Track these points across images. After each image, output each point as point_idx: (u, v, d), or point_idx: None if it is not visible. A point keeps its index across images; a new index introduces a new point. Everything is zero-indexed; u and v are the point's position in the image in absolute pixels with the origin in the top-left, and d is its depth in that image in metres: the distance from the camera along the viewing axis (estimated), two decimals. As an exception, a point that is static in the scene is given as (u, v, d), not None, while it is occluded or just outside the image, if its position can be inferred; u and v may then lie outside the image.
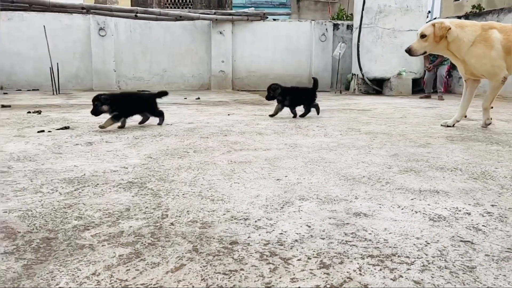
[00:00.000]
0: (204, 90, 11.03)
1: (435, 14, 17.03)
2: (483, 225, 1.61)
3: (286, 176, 2.33)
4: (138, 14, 10.19)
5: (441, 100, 8.08)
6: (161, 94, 4.36)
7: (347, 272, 1.23)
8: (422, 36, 4.14)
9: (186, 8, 15.08)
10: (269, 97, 4.96)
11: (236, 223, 1.62)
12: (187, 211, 1.74)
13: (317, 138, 3.61)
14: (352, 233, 1.53)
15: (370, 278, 1.20)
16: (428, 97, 8.76)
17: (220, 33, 11.04)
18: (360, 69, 10.05)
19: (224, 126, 4.27)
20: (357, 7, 10.13)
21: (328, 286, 1.16)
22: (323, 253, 1.36)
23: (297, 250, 1.38)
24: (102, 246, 1.40)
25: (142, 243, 1.42)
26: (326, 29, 11.51)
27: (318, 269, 1.25)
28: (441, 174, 2.40)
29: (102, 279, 1.19)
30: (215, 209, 1.77)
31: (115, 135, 3.70)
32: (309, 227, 1.58)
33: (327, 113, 5.55)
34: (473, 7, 11.26)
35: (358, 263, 1.29)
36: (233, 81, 11.37)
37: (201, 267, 1.26)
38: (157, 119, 4.33)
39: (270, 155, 2.88)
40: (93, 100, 3.87)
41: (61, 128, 4.01)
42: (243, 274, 1.22)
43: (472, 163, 2.69)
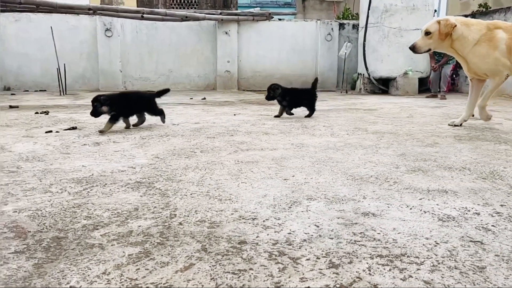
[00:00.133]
0: (210, 90, 11.05)
1: (442, 13, 16.93)
2: (492, 225, 1.60)
3: (293, 176, 2.33)
4: (144, 15, 10.22)
5: (443, 100, 8.03)
6: (161, 93, 4.33)
7: (357, 272, 1.23)
8: (427, 33, 4.09)
9: (192, 8, 15.09)
10: (269, 97, 4.95)
11: (244, 222, 1.62)
12: (195, 211, 1.75)
13: (324, 137, 3.60)
14: (361, 233, 1.52)
15: (379, 278, 1.19)
16: (434, 96, 8.72)
17: (226, 33, 11.05)
18: (366, 68, 10.01)
19: (231, 126, 4.28)
20: (363, 7, 10.08)
21: (337, 286, 1.15)
22: (332, 253, 1.35)
23: (305, 249, 1.38)
24: (112, 245, 1.41)
25: (151, 243, 1.43)
26: (332, 28, 11.48)
27: (327, 268, 1.25)
28: (449, 173, 2.39)
29: (112, 278, 1.19)
30: (223, 209, 1.77)
31: (122, 135, 3.72)
32: (318, 226, 1.58)
33: (334, 113, 5.54)
34: (480, 5, 11.13)
35: (367, 263, 1.28)
36: (239, 81, 11.37)
37: (210, 267, 1.26)
38: (158, 118, 4.32)
39: (277, 155, 2.88)
40: (93, 101, 3.80)
41: (68, 129, 4.04)
42: (252, 273, 1.22)
43: (481, 162, 2.67)
